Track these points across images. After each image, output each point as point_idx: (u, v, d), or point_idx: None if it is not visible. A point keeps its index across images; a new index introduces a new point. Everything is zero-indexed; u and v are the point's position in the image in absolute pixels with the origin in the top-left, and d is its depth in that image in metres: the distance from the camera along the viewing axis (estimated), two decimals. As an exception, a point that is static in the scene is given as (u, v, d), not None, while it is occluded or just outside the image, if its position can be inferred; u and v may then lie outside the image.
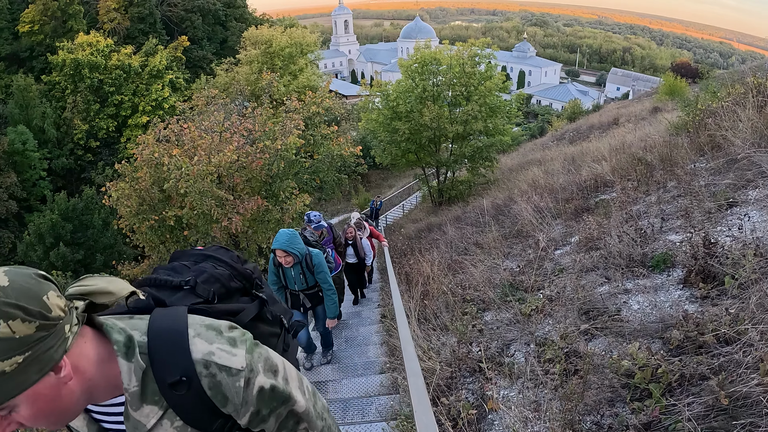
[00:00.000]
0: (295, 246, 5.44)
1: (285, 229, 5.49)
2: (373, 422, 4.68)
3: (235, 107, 19.00)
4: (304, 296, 6.12)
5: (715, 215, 4.86)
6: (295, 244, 5.46)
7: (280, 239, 5.40)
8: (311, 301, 6.20)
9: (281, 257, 5.51)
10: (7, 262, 35.26)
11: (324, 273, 5.90)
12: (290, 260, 5.53)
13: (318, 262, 5.83)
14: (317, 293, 6.17)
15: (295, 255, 5.47)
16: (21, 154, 38.75)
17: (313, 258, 5.83)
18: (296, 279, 5.91)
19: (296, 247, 5.46)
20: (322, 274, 5.90)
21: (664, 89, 30.78)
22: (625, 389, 2.99)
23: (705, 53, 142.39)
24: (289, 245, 5.39)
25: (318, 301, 6.26)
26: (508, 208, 10.78)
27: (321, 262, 5.86)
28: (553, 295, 4.80)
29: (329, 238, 8.88)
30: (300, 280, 5.92)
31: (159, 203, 13.33)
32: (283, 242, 5.38)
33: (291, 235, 5.45)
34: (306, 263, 5.81)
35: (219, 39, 64.85)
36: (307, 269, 5.84)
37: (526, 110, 67.72)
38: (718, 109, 7.91)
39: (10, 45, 51.38)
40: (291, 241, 5.42)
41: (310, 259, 5.82)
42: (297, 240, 5.50)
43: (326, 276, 5.94)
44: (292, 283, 5.97)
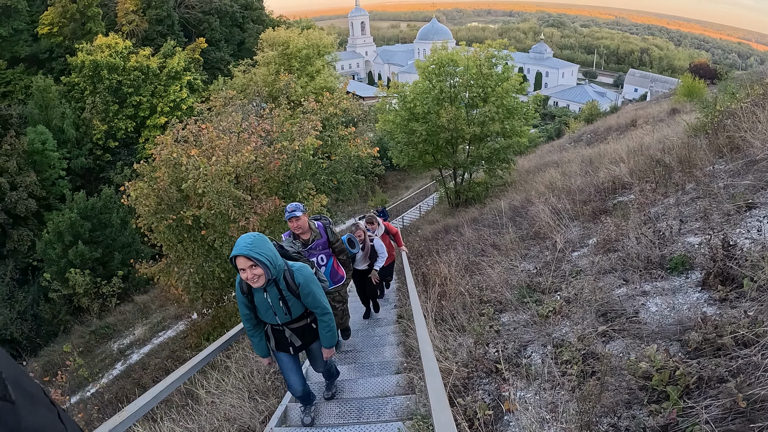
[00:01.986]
0: (262, 251, 3.86)
1: (249, 233, 3.99)
2: (389, 422, 4.70)
3: (253, 108, 19.14)
4: (291, 332, 4.54)
5: (733, 217, 4.83)
6: (262, 249, 3.88)
7: (239, 243, 3.85)
8: (302, 337, 4.63)
9: (244, 270, 3.87)
10: (26, 259, 35.77)
11: (313, 293, 4.28)
12: (259, 275, 3.91)
13: (303, 279, 4.23)
14: (309, 325, 4.62)
15: (263, 265, 3.87)
16: (40, 154, 39.28)
17: (296, 274, 4.23)
18: (274, 307, 4.27)
19: (264, 254, 3.87)
20: (311, 296, 4.28)
21: (682, 90, 30.55)
22: (642, 391, 2.98)
23: (723, 54, 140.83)
24: (252, 249, 3.82)
25: (312, 337, 4.71)
26: (526, 209, 10.76)
27: (307, 279, 4.26)
28: (571, 296, 4.79)
29: (322, 240, 6.55)
30: (280, 309, 4.28)
31: (177, 203, 13.42)
32: (244, 246, 3.82)
33: (256, 237, 3.91)
34: (286, 283, 4.20)
35: (236, 41, 65.26)
36: (289, 291, 4.23)
37: (543, 112, 67.40)
38: (736, 110, 7.87)
39: (29, 47, 52.09)
40: (255, 244, 3.86)
41: (291, 277, 4.21)
42: (264, 244, 3.94)
43: (317, 297, 4.33)
44: (270, 315, 4.35)
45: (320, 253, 6.55)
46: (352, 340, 8.20)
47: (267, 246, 3.96)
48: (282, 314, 4.33)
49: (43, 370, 17.38)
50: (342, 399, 5.49)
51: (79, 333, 25.21)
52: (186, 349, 18.32)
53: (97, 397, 16.12)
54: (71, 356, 16.98)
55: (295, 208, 6.15)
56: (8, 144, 38.23)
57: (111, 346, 23.11)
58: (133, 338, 23.18)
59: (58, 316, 28.52)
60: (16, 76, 50.39)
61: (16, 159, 37.95)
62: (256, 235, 3.94)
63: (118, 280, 27.34)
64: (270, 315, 4.35)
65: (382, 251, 8.62)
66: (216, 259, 13.61)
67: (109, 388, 17.36)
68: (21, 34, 51.23)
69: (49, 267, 29.51)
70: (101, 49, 46.54)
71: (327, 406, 5.27)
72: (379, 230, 9.60)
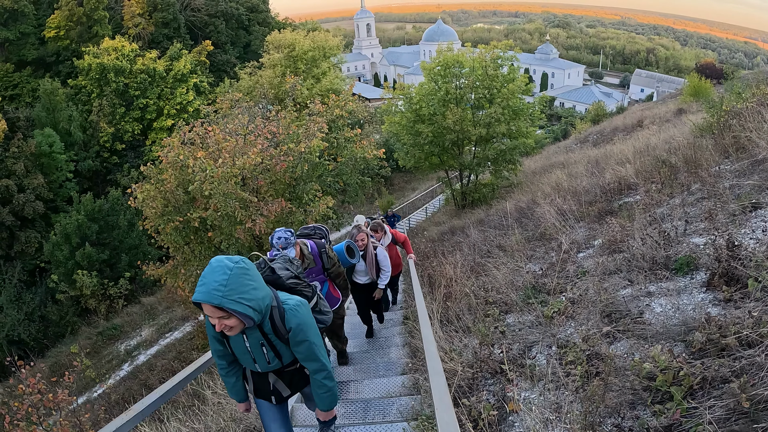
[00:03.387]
0: (241, 296, 2.71)
1: (224, 258, 2.75)
2: (394, 422, 4.71)
3: (259, 110, 19.14)
4: (277, 378, 3.52)
5: (739, 217, 4.83)
6: (241, 291, 2.72)
7: (206, 280, 2.68)
8: (291, 384, 3.60)
9: (212, 319, 2.80)
10: (33, 261, 35.94)
11: (309, 343, 3.15)
12: (233, 326, 2.82)
13: (297, 323, 3.07)
14: (300, 370, 3.56)
15: (242, 315, 2.76)
16: (48, 156, 39.51)
17: (288, 315, 3.06)
18: (254, 353, 3.22)
19: (243, 299, 2.73)
20: (304, 346, 3.15)
21: (688, 90, 30.45)
22: (646, 392, 2.99)
23: (730, 53, 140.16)
24: (226, 295, 2.66)
25: (305, 382, 3.65)
26: (532, 210, 10.76)
27: (303, 323, 3.10)
28: (576, 297, 4.79)
29: (317, 268, 5.62)
30: (262, 357, 3.23)
31: (184, 205, 13.46)
32: (214, 289, 2.65)
33: (233, 271, 2.70)
34: (273, 326, 3.06)
35: (242, 43, 65.48)
36: (276, 336, 3.11)
37: (549, 113, 67.30)
38: (742, 110, 7.84)
39: (36, 50, 52.45)
40: (231, 286, 2.68)
41: (282, 318, 3.05)
42: (245, 280, 2.75)
43: (313, 348, 3.18)
44: (248, 360, 3.31)
45: (313, 281, 4.92)
46: (358, 341, 8.18)
47: (248, 283, 2.74)
48: (264, 362, 3.26)
49: (50, 370, 17.45)
50: (347, 399, 5.50)
51: (86, 334, 25.32)
52: (193, 350, 18.39)
53: (104, 397, 16.19)
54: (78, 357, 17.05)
55: (286, 245, 4.97)
56: (16, 147, 38.47)
57: (118, 347, 23.21)
58: (140, 339, 23.26)
59: (66, 318, 28.63)
60: (23, 80, 50.77)
61: (24, 161, 38.17)
62: (234, 264, 2.70)
63: (125, 282, 27.47)
64: (248, 360, 3.29)
65: (386, 264, 7.32)
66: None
67: (116, 389, 17.43)
68: (28, 38, 51.60)
69: (57, 269, 29.64)
70: (108, 52, 46.80)
71: (333, 406, 5.28)
72: (385, 239, 8.56)
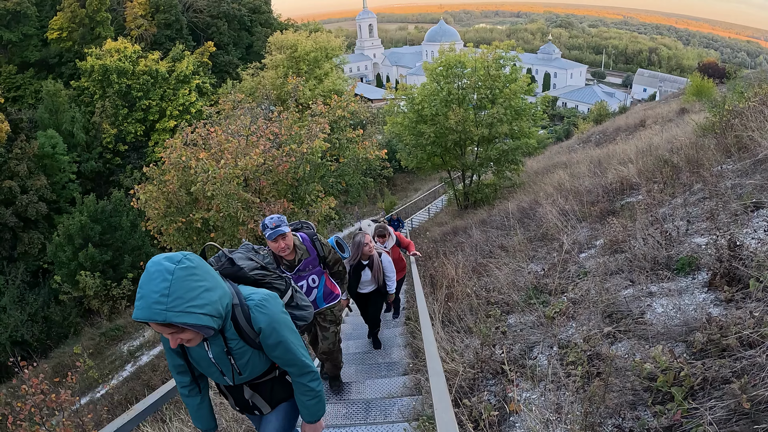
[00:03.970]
0: (189, 305, 2.15)
1: (162, 259, 2.17)
2: (395, 423, 4.72)
3: (261, 111, 19.18)
4: (253, 392, 2.92)
5: (741, 217, 4.82)
6: (188, 301, 2.15)
7: (144, 292, 2.11)
8: (272, 398, 2.96)
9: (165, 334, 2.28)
10: (36, 262, 36.03)
11: (285, 343, 2.60)
12: (188, 339, 2.31)
13: (267, 321, 2.52)
14: (280, 378, 2.94)
15: (196, 329, 2.23)
16: (51, 158, 39.61)
17: (254, 314, 2.50)
18: (221, 365, 2.65)
19: (193, 308, 2.17)
20: (281, 348, 2.60)
21: (691, 90, 30.44)
22: (647, 392, 2.99)
23: (732, 53, 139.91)
24: (168, 309, 2.10)
25: (284, 393, 2.98)
26: (534, 211, 10.75)
27: (274, 320, 2.54)
28: (577, 298, 4.79)
29: (311, 258, 5.07)
30: (229, 368, 2.66)
31: (186, 206, 13.48)
32: (153, 302, 2.09)
33: (175, 276, 2.13)
34: (237, 328, 2.51)
35: (245, 44, 65.53)
36: (244, 341, 2.56)
37: (551, 113, 67.29)
38: (744, 109, 7.82)
39: (39, 51, 52.58)
40: (174, 294, 2.12)
41: (247, 318, 2.49)
42: (192, 286, 2.18)
43: (292, 348, 2.62)
44: (215, 374, 2.75)
45: (310, 274, 5.12)
46: (360, 341, 8.17)
47: (196, 286, 2.19)
48: (233, 374, 2.68)
49: (53, 371, 17.49)
50: (349, 400, 5.51)
51: (89, 335, 25.38)
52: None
53: (107, 398, 16.21)
54: (81, 358, 17.11)
55: (279, 222, 4.51)
56: (19, 148, 38.55)
57: (121, 347, 23.27)
58: (142, 340, 23.31)
59: (69, 318, 28.72)
60: (26, 81, 50.87)
61: (27, 163, 38.25)
62: (175, 265, 2.13)
63: (128, 283, 27.54)
64: (215, 374, 2.74)
65: (390, 270, 7.01)
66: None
67: (118, 390, 17.47)
68: (31, 39, 51.70)
69: (60, 270, 29.72)
70: (110, 53, 46.89)
71: (334, 406, 5.30)
72: (389, 242, 8.29)
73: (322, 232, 13.52)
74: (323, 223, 13.88)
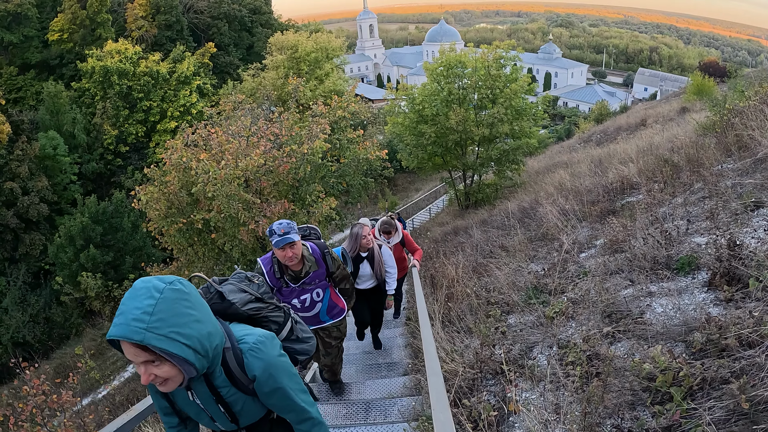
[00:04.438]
0: (170, 331, 1.81)
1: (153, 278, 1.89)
2: (395, 423, 4.72)
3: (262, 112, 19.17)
4: None
5: (741, 216, 4.81)
6: (174, 326, 1.82)
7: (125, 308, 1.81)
8: None
9: (137, 366, 1.90)
10: (38, 263, 36.08)
11: (283, 390, 2.21)
12: (166, 378, 1.92)
13: (263, 368, 2.14)
14: (280, 421, 2.53)
15: (177, 361, 1.87)
16: (52, 159, 39.68)
17: (248, 359, 2.13)
18: (211, 411, 2.28)
19: (176, 337, 1.83)
20: (278, 395, 2.22)
21: (691, 89, 30.47)
22: (646, 393, 2.98)
23: (733, 51, 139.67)
24: (148, 329, 1.77)
25: None
26: (534, 210, 10.75)
27: (271, 365, 2.17)
28: (577, 297, 4.78)
29: (319, 272, 4.74)
30: (221, 415, 2.29)
31: (187, 206, 13.49)
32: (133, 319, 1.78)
33: (164, 295, 1.83)
34: (229, 374, 2.15)
35: (245, 45, 65.58)
36: (236, 388, 2.19)
37: (552, 112, 67.26)
38: (745, 108, 7.81)
39: (40, 53, 52.65)
40: (159, 315, 1.79)
41: (240, 363, 2.13)
42: (181, 311, 1.86)
43: (291, 396, 2.23)
44: (205, 420, 2.37)
45: (315, 288, 4.83)
46: (361, 342, 8.15)
47: (187, 312, 1.89)
48: (226, 421, 2.31)
49: (54, 372, 17.52)
50: (349, 400, 5.51)
51: (90, 336, 25.42)
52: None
53: (109, 399, 16.21)
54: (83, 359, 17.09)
55: (288, 229, 4.17)
56: (20, 149, 38.62)
57: (123, 349, 23.25)
58: (144, 341, 23.29)
59: (70, 319, 28.79)
60: (27, 82, 50.93)
61: (28, 164, 38.33)
62: (166, 285, 1.86)
63: (130, 284, 27.51)
64: (205, 419, 2.37)
65: (391, 264, 6.58)
66: (226, 262, 13.69)
67: (120, 391, 17.46)
68: (32, 41, 51.77)
69: (61, 271, 29.77)
70: (111, 54, 46.96)
71: (334, 407, 5.30)
72: (395, 238, 7.83)
73: (323, 232, 13.50)
74: (324, 224, 13.88)
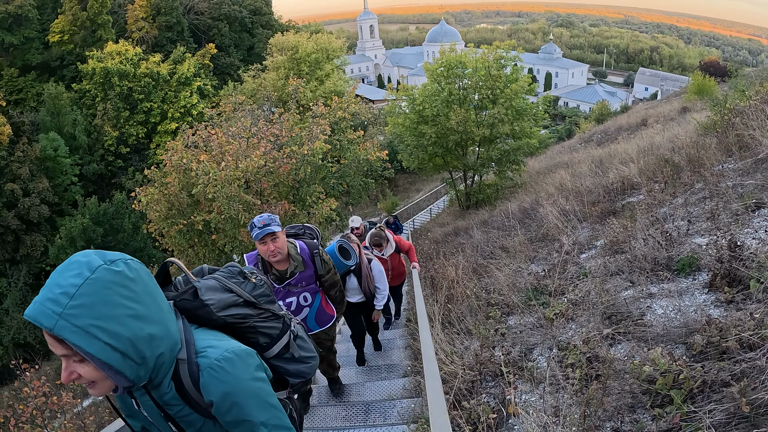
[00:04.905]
0: (91, 323, 1.41)
1: (92, 253, 1.49)
2: (395, 425, 4.71)
3: (262, 113, 19.20)
4: None
5: (742, 217, 4.79)
6: (98, 318, 1.42)
7: (50, 282, 1.45)
8: None
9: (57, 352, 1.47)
10: (39, 264, 36.11)
11: (252, 425, 1.72)
12: (89, 379, 1.51)
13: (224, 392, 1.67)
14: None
15: (97, 364, 1.47)
16: (53, 160, 39.75)
17: (205, 380, 1.67)
18: (161, 427, 1.82)
19: (96, 333, 1.41)
20: (243, 429, 1.73)
21: (692, 89, 30.43)
22: (646, 395, 2.96)
23: (734, 51, 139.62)
24: (61, 317, 1.39)
25: None
26: (535, 211, 10.73)
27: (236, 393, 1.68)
28: (577, 299, 4.77)
29: (307, 273, 4.35)
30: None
31: (187, 208, 13.51)
32: (48, 299, 1.41)
33: (96, 276, 1.43)
34: (180, 389, 1.69)
35: (246, 46, 65.64)
36: (187, 404, 1.72)
37: (553, 112, 67.19)
38: (746, 108, 7.79)
39: (41, 54, 52.71)
40: (81, 299, 1.40)
41: (194, 381, 1.67)
42: (114, 300, 1.45)
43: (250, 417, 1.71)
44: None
45: (302, 291, 4.43)
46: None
47: (120, 303, 1.48)
48: None
49: (55, 373, 17.47)
50: (348, 402, 5.50)
51: (91, 337, 25.34)
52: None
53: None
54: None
55: (269, 221, 3.85)
56: (21, 151, 38.69)
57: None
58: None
59: (72, 321, 28.73)
60: (27, 84, 50.98)
61: (29, 165, 38.39)
62: (102, 263, 1.47)
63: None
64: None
65: (381, 281, 6.09)
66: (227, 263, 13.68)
67: (121, 392, 17.41)
68: (32, 42, 51.82)
69: (62, 272, 29.73)
70: (112, 56, 47.02)
71: (334, 408, 5.28)
72: (388, 249, 7.39)
73: (324, 233, 13.51)
74: (324, 225, 13.88)
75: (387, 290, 6.20)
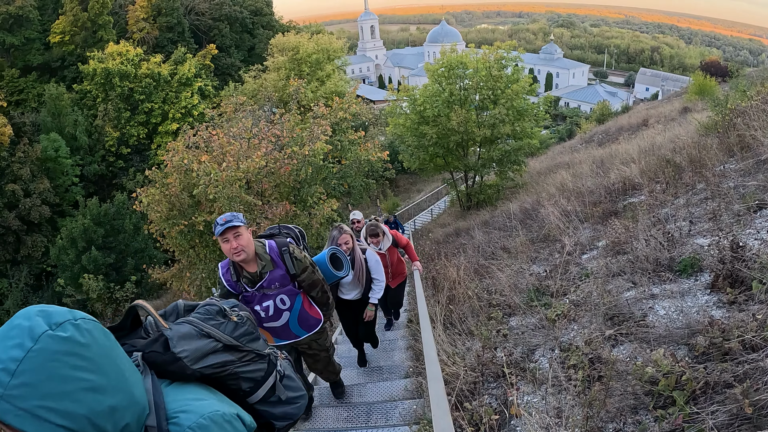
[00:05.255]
0: (38, 405, 1.13)
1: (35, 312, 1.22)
2: (397, 426, 4.70)
3: (263, 114, 19.20)
4: None
5: (743, 218, 4.79)
6: (46, 397, 1.13)
7: None
8: None
9: None
10: (40, 265, 36.13)
11: None
12: None
13: None
14: None
15: None
16: (54, 161, 39.78)
17: None
18: None
19: (45, 415, 1.13)
20: None
21: (693, 89, 30.43)
22: (648, 396, 2.96)
23: (734, 51, 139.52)
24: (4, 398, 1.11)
25: None
26: (536, 212, 10.71)
27: None
28: (579, 300, 4.76)
29: (278, 273, 4.06)
30: None
31: (188, 208, 13.52)
32: None
33: (39, 347, 1.15)
34: None
35: (246, 46, 65.63)
36: None
37: (554, 113, 67.17)
38: (747, 108, 7.78)
39: (41, 55, 52.74)
40: (24, 378, 1.12)
41: None
42: (63, 373, 1.16)
43: None
44: None
45: (278, 294, 4.09)
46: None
47: (74, 377, 1.19)
48: None
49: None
50: (350, 403, 5.49)
51: (93, 338, 25.34)
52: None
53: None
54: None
55: (231, 217, 3.63)
56: (22, 152, 38.72)
57: (125, 351, 23.24)
58: (146, 343, 23.27)
59: (72, 322, 28.72)
60: (28, 85, 51.01)
61: (30, 166, 38.43)
62: (46, 330, 1.18)
63: (132, 285, 27.54)
64: None
65: (379, 272, 5.90)
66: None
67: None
68: (33, 43, 51.85)
69: (63, 272, 29.79)
70: (112, 56, 47.01)
71: (335, 410, 5.28)
72: (384, 243, 7.19)
73: (324, 233, 13.50)
74: (326, 225, 13.89)
75: (384, 282, 5.91)
